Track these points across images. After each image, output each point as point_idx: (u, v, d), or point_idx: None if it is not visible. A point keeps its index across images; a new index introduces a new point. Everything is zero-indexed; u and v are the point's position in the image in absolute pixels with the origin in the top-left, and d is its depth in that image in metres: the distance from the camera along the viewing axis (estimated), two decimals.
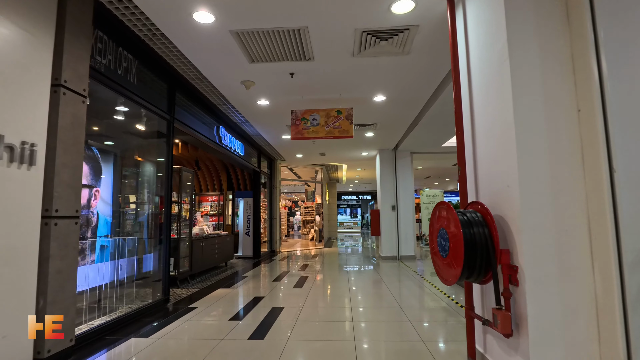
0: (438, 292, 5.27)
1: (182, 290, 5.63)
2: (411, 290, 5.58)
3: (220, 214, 11.67)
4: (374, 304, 4.76)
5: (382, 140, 8.62)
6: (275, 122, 6.91)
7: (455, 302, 4.65)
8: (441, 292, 5.29)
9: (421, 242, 13.75)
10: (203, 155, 10.51)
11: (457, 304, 4.54)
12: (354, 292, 5.38)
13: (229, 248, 8.54)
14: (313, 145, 8.90)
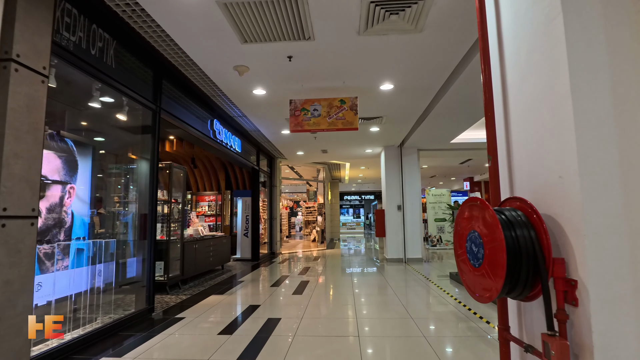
0: (450, 299, 4.79)
1: (171, 297, 5.16)
2: (421, 297, 5.10)
3: (218, 214, 11.22)
4: (382, 314, 4.27)
5: (388, 136, 8.14)
6: (274, 115, 6.44)
7: (470, 309, 4.16)
8: (454, 298, 4.80)
9: (427, 244, 13.22)
10: (200, 153, 10.06)
11: (474, 314, 4.05)
12: (358, 300, 4.90)
13: (225, 250, 8.08)
14: (314, 141, 8.43)
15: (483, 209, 1.88)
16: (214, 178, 11.26)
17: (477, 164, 13.79)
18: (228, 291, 5.58)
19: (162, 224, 5.91)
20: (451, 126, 7.14)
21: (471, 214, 2.05)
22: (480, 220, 1.92)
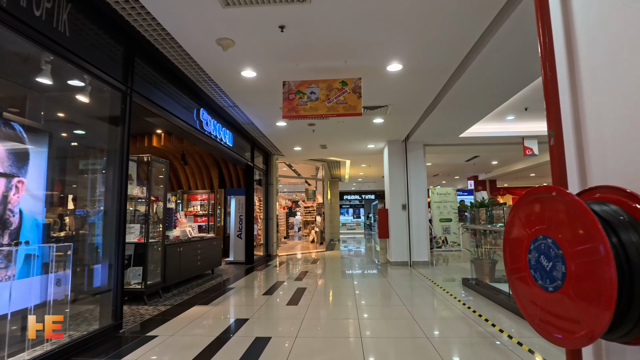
0: (470, 313, 4.15)
1: (148, 309, 4.52)
2: (435, 309, 4.46)
3: (210, 214, 10.58)
4: (389, 331, 3.64)
5: (393, 129, 7.50)
6: (267, 104, 5.80)
7: (497, 328, 3.53)
8: (472, 310, 4.17)
9: (432, 245, 12.57)
10: (190, 149, 9.42)
11: (509, 337, 3.41)
12: (362, 313, 4.26)
13: (216, 253, 7.44)
14: (313, 135, 7.79)
15: (566, 203, 1.20)
16: (207, 175, 10.62)
17: (483, 161, 13.16)
18: (214, 300, 4.94)
19: (142, 224, 5.27)
20: (462, 117, 6.50)
21: (538, 212, 1.38)
22: (559, 220, 1.24)
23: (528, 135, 8.08)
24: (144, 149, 9.14)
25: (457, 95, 5.21)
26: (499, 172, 15.43)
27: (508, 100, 6.19)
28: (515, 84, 4.81)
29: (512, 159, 13.04)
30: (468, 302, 4.68)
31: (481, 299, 4.87)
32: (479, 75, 4.47)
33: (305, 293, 5.34)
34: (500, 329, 3.55)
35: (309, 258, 10.17)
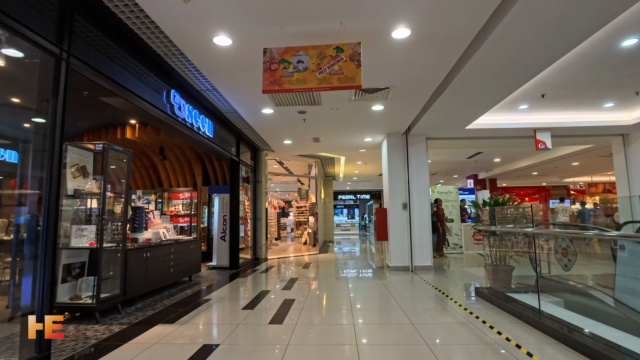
0: (489, 331, 3.38)
1: (98, 329, 3.67)
2: (448, 327, 3.67)
3: (193, 213, 9.71)
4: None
5: (393, 118, 6.72)
6: (249, 85, 4.98)
7: (527, 353, 2.76)
8: (494, 330, 3.39)
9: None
10: (169, 142, 8.55)
11: (527, 353, 2.63)
12: (361, 337, 3.46)
13: (194, 257, 6.60)
14: (304, 125, 6.98)
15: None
16: (189, 172, 9.75)
17: (485, 158, 12.46)
18: (183, 317, 4.10)
19: (96, 225, 4.40)
20: (473, 104, 5.74)
21: None
22: None
23: (540, 127, 7.36)
24: (116, 142, 8.26)
25: (472, 74, 4.44)
26: (501, 170, 14.76)
27: (524, 85, 5.45)
28: (546, 57, 4.04)
29: (515, 156, 12.36)
30: (487, 318, 3.90)
31: (501, 314, 4.10)
32: (502, 45, 3.70)
33: (293, 306, 4.53)
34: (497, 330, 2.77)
35: (300, 262, 9.35)
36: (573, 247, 4.41)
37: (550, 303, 4.29)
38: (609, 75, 5.27)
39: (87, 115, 7.30)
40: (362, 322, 3.88)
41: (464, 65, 4.28)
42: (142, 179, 10.16)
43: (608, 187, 16.74)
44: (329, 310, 4.46)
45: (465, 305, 4.51)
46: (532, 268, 5.08)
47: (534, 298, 4.47)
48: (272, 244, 14.85)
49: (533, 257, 5.19)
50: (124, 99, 4.15)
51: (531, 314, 3.65)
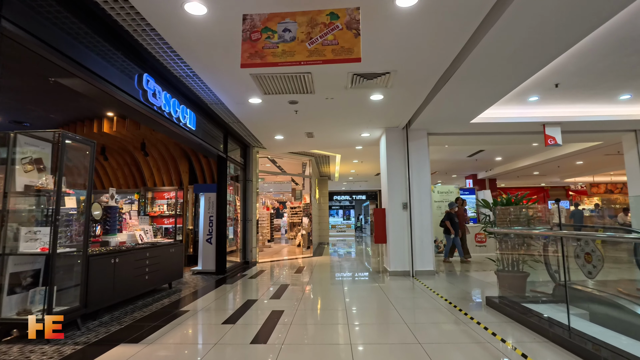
0: (508, 351, 2.83)
1: (46, 351, 3.07)
2: (462, 348, 3.12)
3: (179, 214, 9.09)
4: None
5: (393, 110, 6.18)
6: (231, 66, 4.41)
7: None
8: (517, 352, 2.85)
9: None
10: (151, 136, 7.94)
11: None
12: (359, 357, 2.90)
13: (175, 262, 6.00)
14: (296, 118, 6.41)
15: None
16: (174, 170, 9.14)
17: (487, 156, 11.99)
18: (151, 335, 3.51)
19: (64, 227, 3.80)
20: (481, 94, 5.21)
21: None
22: None
23: (550, 121, 6.87)
24: (93, 137, 7.65)
25: (484, 56, 3.91)
26: (501, 169, 14.30)
27: (538, 72, 4.95)
28: (569, 36, 3.52)
29: (517, 155, 11.89)
30: (505, 335, 3.36)
31: (521, 329, 3.56)
32: (521, 19, 3.17)
33: (281, 320, 3.96)
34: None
35: (293, 265, 8.78)
36: (599, 251, 3.89)
37: (574, 316, 3.77)
38: (630, 60, 4.77)
39: (59, 107, 6.67)
40: (361, 341, 3.32)
41: (475, 46, 3.74)
42: (124, 177, 9.53)
43: (610, 188, 16.36)
44: (322, 326, 3.89)
45: (477, 317, 3.97)
46: (549, 275, 4.57)
47: (554, 310, 3.94)
48: (264, 246, 14.25)
49: (549, 262, 4.68)
50: (86, 81, 3.58)
51: (560, 331, 3.12)
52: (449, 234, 8.83)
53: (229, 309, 4.59)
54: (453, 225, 8.74)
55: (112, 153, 8.97)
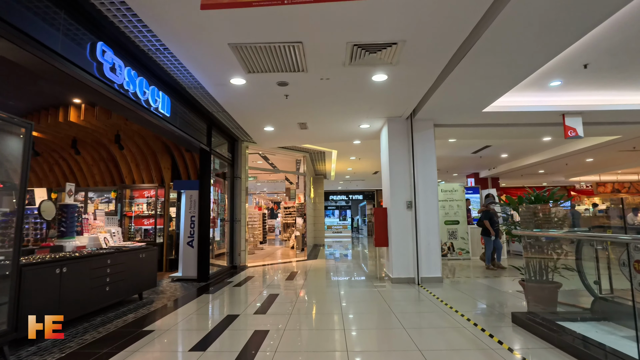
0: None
1: None
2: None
3: (160, 214, 8.29)
4: None
5: (398, 94, 5.44)
6: (201, 28, 3.65)
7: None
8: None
9: None
10: (127, 127, 7.14)
11: None
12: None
13: (147, 269, 5.20)
14: (286, 104, 5.65)
15: None
16: (154, 165, 8.33)
17: (492, 153, 11.29)
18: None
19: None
20: (499, 76, 4.49)
21: None
22: None
23: (571, 110, 6.16)
24: (59, 127, 6.85)
25: (508, 24, 3.18)
26: (505, 167, 13.62)
27: (562, 53, 4.25)
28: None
29: (525, 151, 11.21)
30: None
31: (562, 356, 2.83)
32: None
33: (263, 346, 3.19)
34: None
35: (285, 270, 8.01)
36: None
37: (624, 338, 3.06)
38: None
39: (18, 93, 5.87)
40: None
41: (499, 11, 3.02)
42: (100, 174, 8.71)
43: (617, 187, 15.75)
44: (314, 354, 3.13)
45: (506, 341, 3.22)
46: (585, 286, 3.84)
47: (601, 331, 3.22)
48: (256, 249, 13.47)
49: (582, 270, 3.96)
50: (18, 46, 2.80)
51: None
52: (488, 236, 7.67)
53: (203, 328, 3.82)
54: (493, 225, 7.62)
55: (85, 147, 8.15)
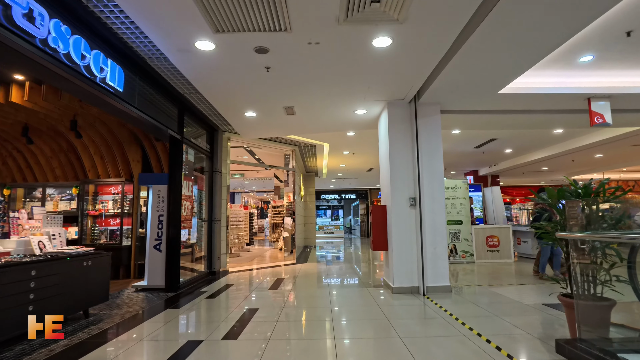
0: None
1: None
2: None
3: (127, 212, 7.29)
4: None
5: (404, 66, 4.54)
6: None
7: None
8: None
9: None
10: (85, 112, 6.14)
11: None
12: None
13: (94, 280, 4.22)
14: (267, 80, 4.72)
15: None
16: (121, 158, 7.32)
17: (496, 148, 10.49)
18: None
19: None
20: (525, 44, 3.62)
21: None
22: None
23: (598, 93, 5.35)
24: (2, 110, 5.82)
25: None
26: (507, 164, 12.87)
27: (601, 17, 3.43)
28: None
29: (532, 146, 10.42)
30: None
31: None
32: None
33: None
34: None
35: (269, 276, 7.08)
36: None
37: None
38: None
39: None
40: None
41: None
42: (60, 167, 7.67)
43: (620, 184, 15.14)
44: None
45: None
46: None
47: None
48: (241, 251, 12.51)
49: (636, 281, 3.11)
50: None
51: None
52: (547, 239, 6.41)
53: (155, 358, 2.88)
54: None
55: (41, 136, 7.11)
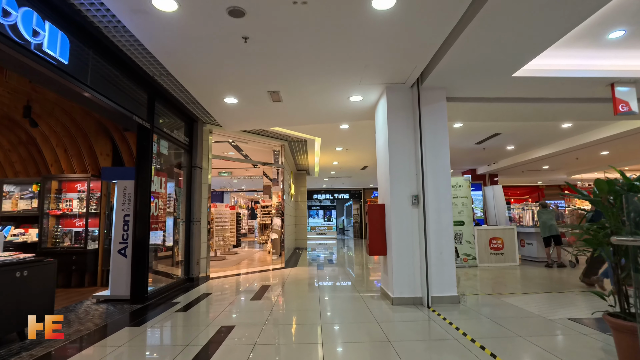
0: None
1: None
2: None
3: (94, 212, 6.50)
4: None
5: (406, 42, 3.87)
6: None
7: None
8: None
9: None
10: (41, 96, 5.35)
11: None
12: None
13: (32, 295, 3.45)
14: (246, 51, 4.01)
15: None
16: (87, 151, 6.53)
17: (498, 144, 9.90)
18: None
19: None
20: (553, 15, 2.97)
21: None
22: None
23: (623, 77, 4.75)
24: None
25: None
26: (506, 163, 12.31)
27: None
28: None
29: (535, 142, 9.85)
30: None
31: None
32: None
33: None
34: None
35: (253, 282, 6.35)
36: None
37: None
38: None
39: None
40: None
41: None
42: (21, 161, 6.86)
43: None
44: None
45: None
46: None
47: None
48: (227, 253, 11.75)
49: None
50: None
51: None
52: None
53: None
54: None
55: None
